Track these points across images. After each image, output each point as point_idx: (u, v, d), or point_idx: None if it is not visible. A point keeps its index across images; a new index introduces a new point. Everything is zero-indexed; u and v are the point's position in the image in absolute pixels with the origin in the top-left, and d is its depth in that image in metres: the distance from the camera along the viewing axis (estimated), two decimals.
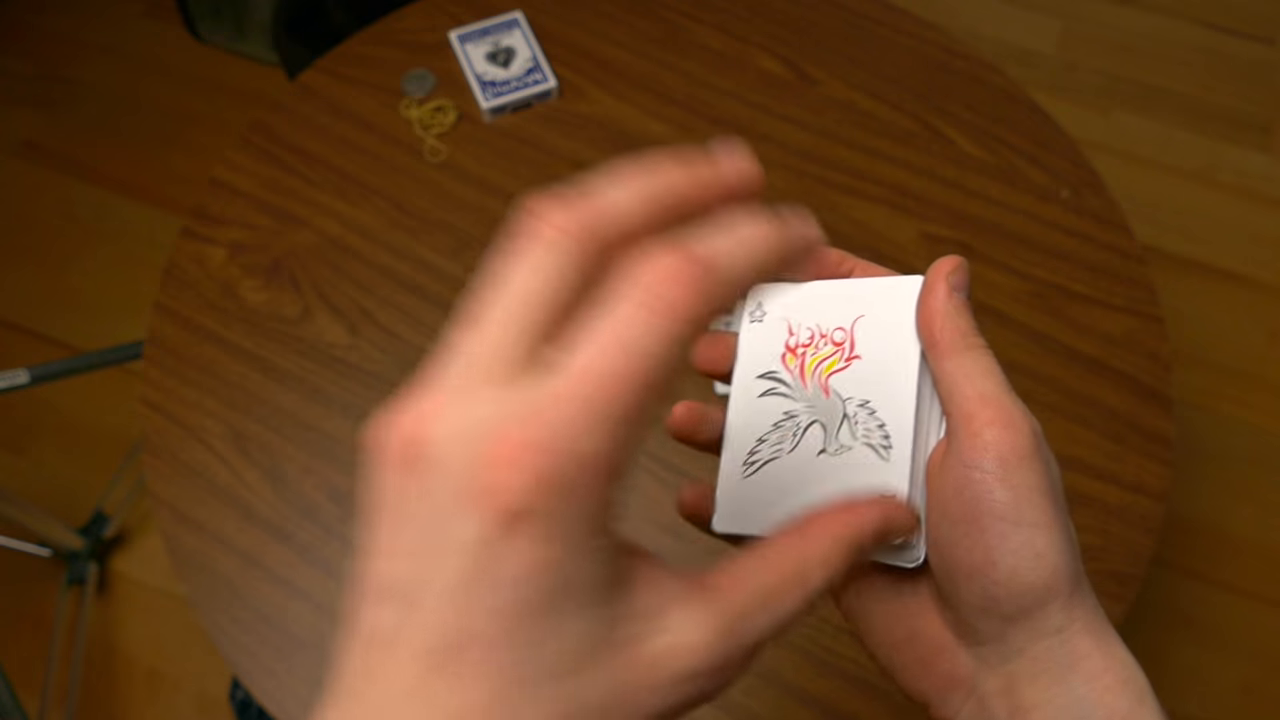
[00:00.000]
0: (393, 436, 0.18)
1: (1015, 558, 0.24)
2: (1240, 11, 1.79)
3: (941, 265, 0.27)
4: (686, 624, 0.20)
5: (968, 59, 0.89)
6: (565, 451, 0.17)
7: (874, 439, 0.28)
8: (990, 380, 0.26)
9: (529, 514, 0.17)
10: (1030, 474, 0.25)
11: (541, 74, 0.86)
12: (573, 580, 0.18)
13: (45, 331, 1.45)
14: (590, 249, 0.19)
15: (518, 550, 0.17)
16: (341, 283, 0.77)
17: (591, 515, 0.18)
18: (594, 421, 0.17)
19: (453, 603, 0.17)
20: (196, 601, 0.65)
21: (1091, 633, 0.25)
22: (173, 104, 1.65)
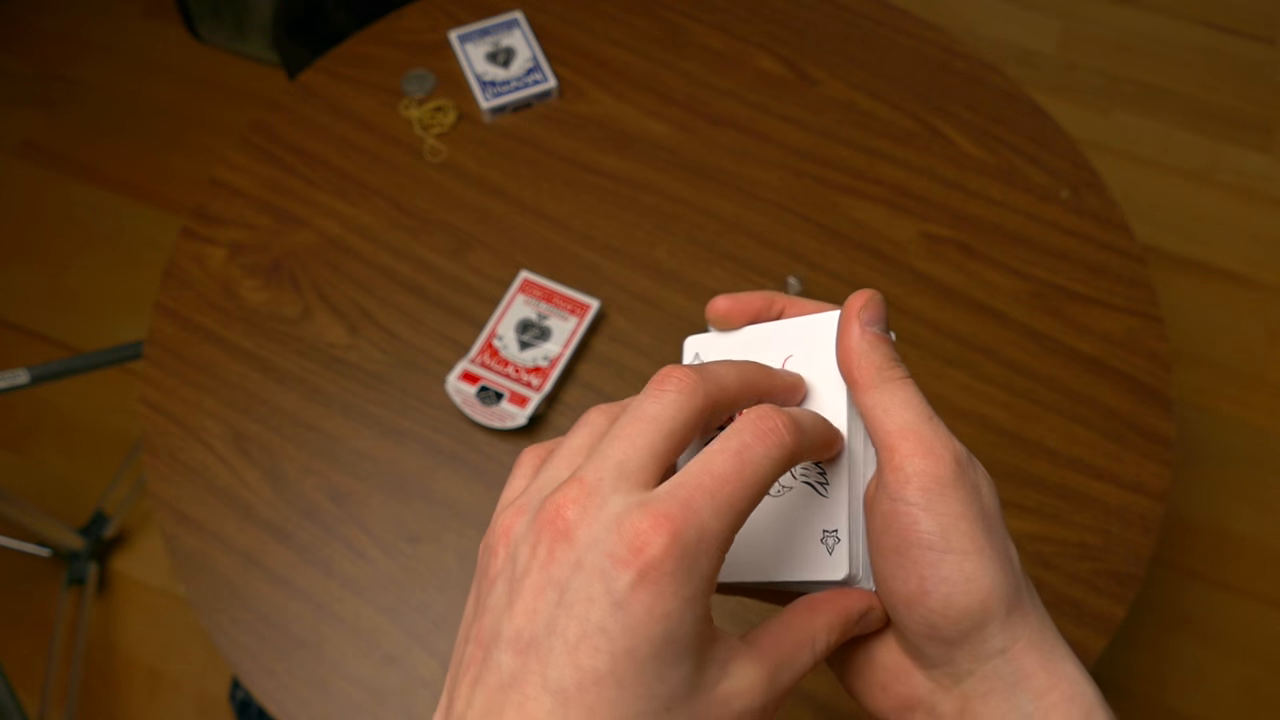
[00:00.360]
0: (544, 515, 0.23)
1: (947, 585, 0.25)
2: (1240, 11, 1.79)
3: (853, 303, 0.29)
4: (746, 673, 0.24)
5: (968, 59, 0.89)
6: (694, 524, 0.22)
7: (811, 477, 0.29)
8: (908, 411, 0.27)
9: (659, 571, 0.21)
10: (954, 501, 0.25)
11: (541, 74, 0.86)
12: (682, 632, 0.22)
13: (45, 331, 1.45)
14: (708, 405, 0.25)
15: (645, 603, 0.21)
16: (341, 283, 0.77)
17: (704, 580, 0.22)
18: (715, 505, 0.23)
19: (583, 646, 0.21)
20: (196, 601, 0.65)
21: (1037, 649, 0.26)
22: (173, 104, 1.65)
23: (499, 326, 0.73)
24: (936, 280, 0.78)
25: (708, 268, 0.78)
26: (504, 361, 0.71)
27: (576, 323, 0.73)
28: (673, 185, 0.82)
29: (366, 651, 0.64)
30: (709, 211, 0.81)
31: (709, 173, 0.83)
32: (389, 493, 0.69)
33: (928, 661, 0.27)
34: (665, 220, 0.80)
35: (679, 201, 0.81)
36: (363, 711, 0.62)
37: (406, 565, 0.66)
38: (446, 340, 0.75)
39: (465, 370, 0.71)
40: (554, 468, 0.25)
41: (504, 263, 0.78)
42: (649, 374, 0.73)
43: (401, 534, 0.67)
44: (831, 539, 0.28)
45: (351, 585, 0.66)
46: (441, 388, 0.73)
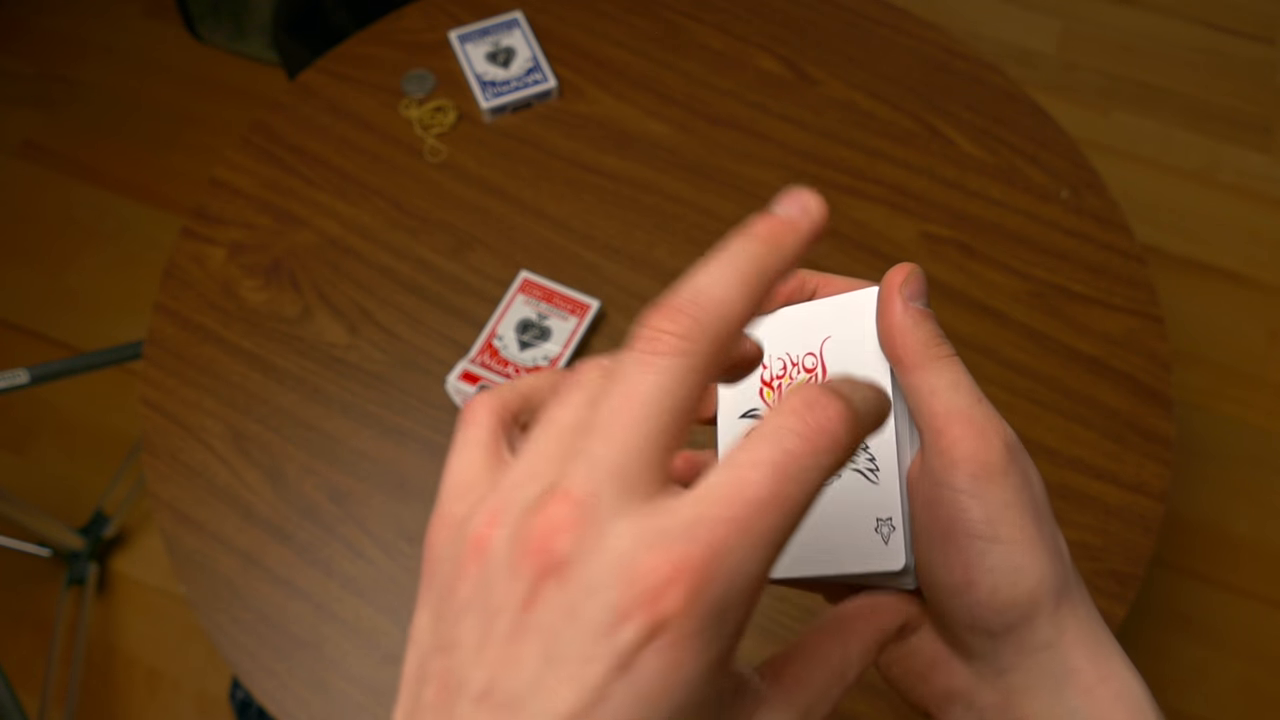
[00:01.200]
0: (529, 542, 0.18)
1: (993, 575, 0.24)
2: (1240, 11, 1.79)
3: (893, 277, 0.27)
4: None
5: (968, 59, 0.89)
6: (723, 571, 0.17)
7: (860, 463, 0.27)
8: (958, 392, 0.25)
9: (678, 630, 0.17)
10: (1004, 489, 0.24)
11: (541, 74, 0.86)
12: (701, 697, 0.18)
13: (45, 331, 1.45)
14: (714, 351, 0.19)
15: (655, 666, 0.17)
16: (341, 283, 0.77)
17: (733, 637, 0.18)
18: (749, 544, 0.17)
19: (576, 716, 0.17)
20: (196, 601, 0.65)
21: (1085, 644, 0.25)
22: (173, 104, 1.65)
23: (499, 326, 0.73)
24: (936, 280, 0.78)
25: None
26: (504, 361, 0.71)
27: (576, 323, 0.73)
28: (673, 185, 0.82)
29: (366, 651, 0.64)
30: (709, 211, 0.81)
31: (709, 173, 0.83)
32: (389, 493, 0.69)
33: (970, 652, 0.26)
34: (665, 220, 0.80)
35: (679, 201, 0.81)
36: (363, 711, 0.62)
37: (406, 565, 0.66)
38: (446, 340, 0.75)
39: (465, 370, 0.71)
40: (537, 453, 0.20)
41: (504, 263, 0.78)
42: None
43: (401, 534, 0.67)
44: (886, 527, 0.26)
45: (351, 585, 0.66)
46: (441, 388, 0.73)
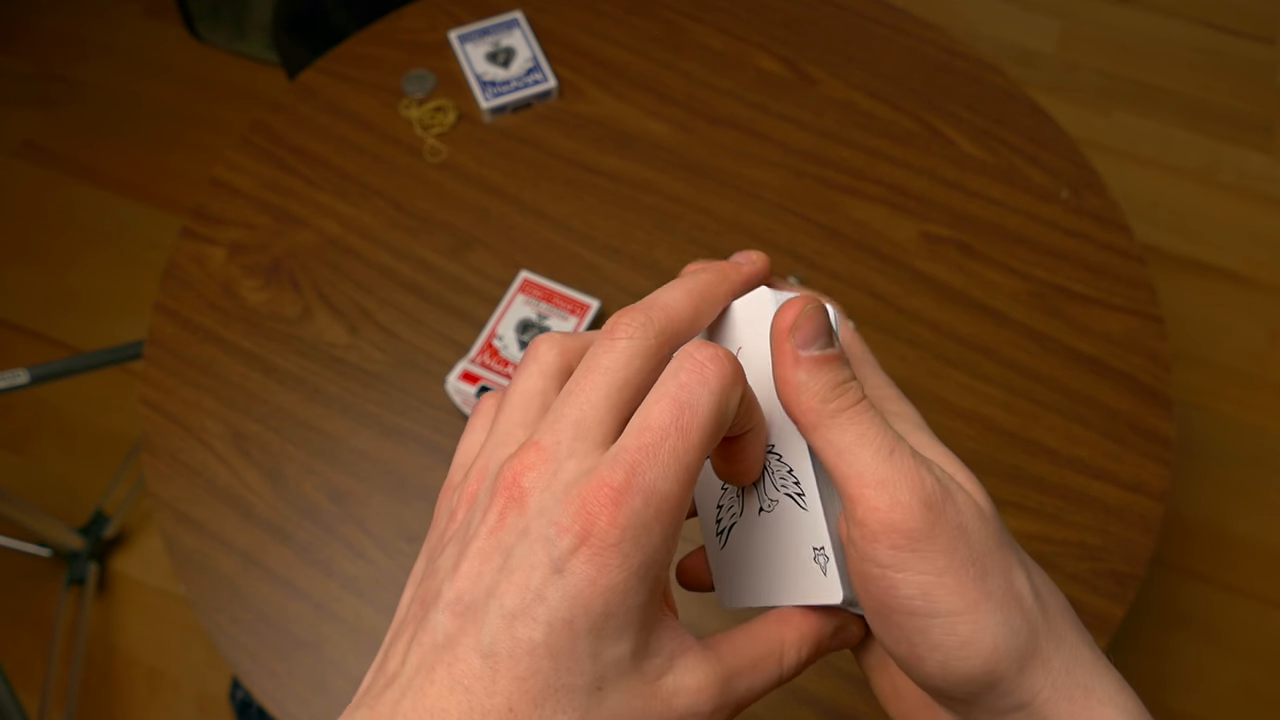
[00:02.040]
0: (501, 481, 0.22)
1: (941, 651, 0.23)
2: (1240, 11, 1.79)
3: (780, 324, 0.24)
4: (696, 670, 0.23)
5: (968, 59, 0.89)
6: (639, 489, 0.20)
7: (789, 488, 0.26)
8: (864, 448, 0.23)
9: (602, 542, 0.20)
10: (932, 556, 0.22)
11: (541, 74, 0.86)
12: (622, 608, 0.21)
13: (45, 331, 1.45)
14: (662, 341, 0.23)
15: (586, 573, 0.20)
16: (341, 283, 0.77)
17: (652, 551, 0.21)
18: (660, 464, 0.21)
19: (519, 615, 0.20)
20: (196, 601, 0.65)
21: (1067, 696, 0.23)
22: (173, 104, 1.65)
23: (499, 326, 0.73)
24: (936, 280, 0.78)
25: None
26: (504, 361, 0.71)
27: (576, 323, 0.73)
28: (673, 185, 0.82)
29: (366, 651, 0.64)
30: (709, 211, 0.81)
31: (709, 173, 0.83)
32: (389, 493, 0.69)
33: (948, 705, 0.25)
34: (665, 220, 0.80)
35: (679, 201, 0.81)
36: None
37: (406, 565, 0.66)
38: (446, 340, 0.75)
39: (465, 370, 0.71)
40: (507, 418, 0.25)
41: (504, 263, 0.78)
42: None
43: (401, 534, 0.67)
44: (821, 557, 0.25)
45: (351, 585, 0.66)
46: (441, 388, 0.73)
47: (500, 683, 0.20)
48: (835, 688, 0.63)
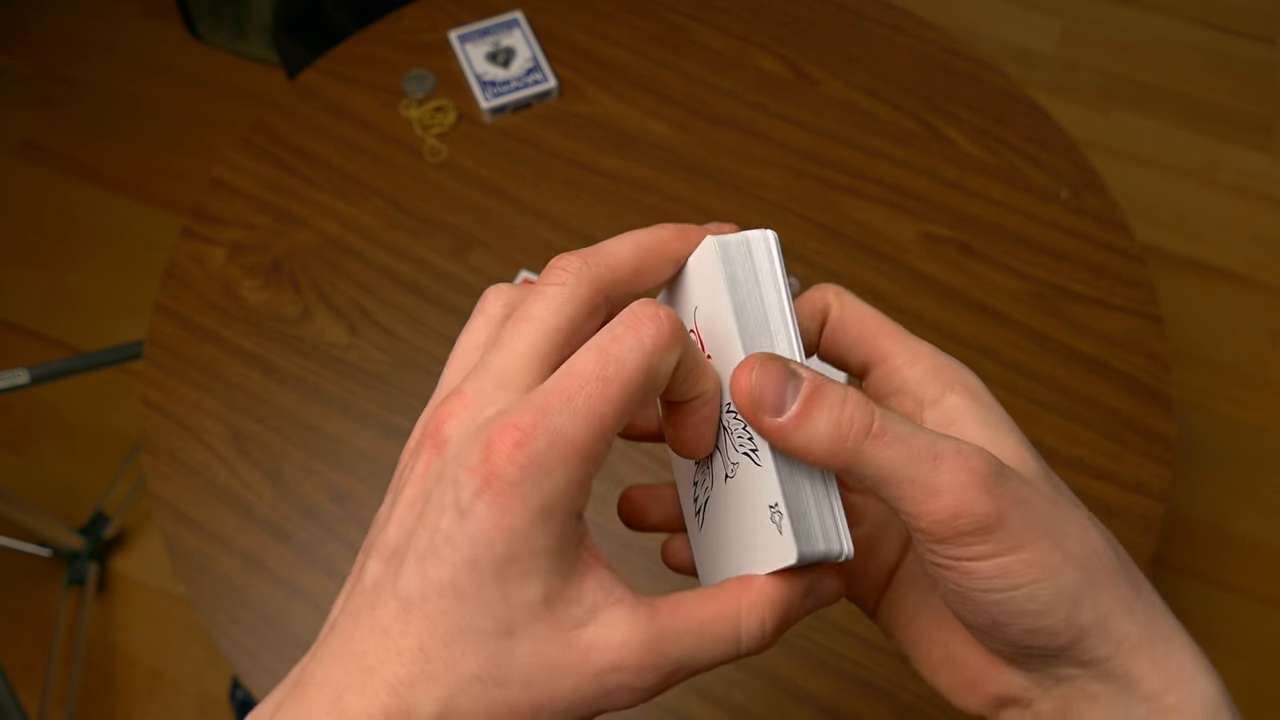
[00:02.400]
0: (426, 428, 0.22)
1: (1025, 618, 0.22)
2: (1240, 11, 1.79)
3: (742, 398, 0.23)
4: (619, 624, 0.21)
5: (968, 59, 0.89)
6: (544, 431, 0.20)
7: (745, 446, 0.24)
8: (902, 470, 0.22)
9: (502, 482, 0.20)
10: (1004, 538, 0.21)
11: (541, 74, 0.86)
12: (529, 548, 0.20)
13: (45, 331, 1.45)
14: (597, 290, 0.23)
15: (487, 513, 0.20)
16: (341, 283, 0.77)
17: (557, 493, 0.20)
18: (572, 409, 0.21)
19: (428, 557, 0.21)
20: (196, 601, 0.65)
21: (1148, 649, 0.23)
22: (173, 104, 1.65)
23: None
24: (936, 280, 0.78)
25: None
26: None
27: None
28: (673, 185, 0.82)
29: None
30: (709, 211, 0.81)
31: (709, 173, 0.83)
32: None
33: (1024, 665, 0.24)
34: (665, 220, 0.80)
35: (679, 201, 0.81)
36: None
37: None
38: (446, 340, 0.75)
39: None
40: (450, 371, 0.25)
41: (504, 263, 0.78)
42: None
43: None
44: (776, 514, 0.23)
45: None
46: None
47: (413, 623, 0.20)
48: (835, 688, 0.63)
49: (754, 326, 0.24)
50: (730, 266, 0.24)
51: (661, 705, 0.62)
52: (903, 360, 0.26)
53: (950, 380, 0.26)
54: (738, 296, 0.24)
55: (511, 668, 0.20)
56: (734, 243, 0.24)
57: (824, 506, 0.23)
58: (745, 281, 0.24)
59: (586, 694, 0.21)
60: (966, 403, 0.25)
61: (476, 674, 0.20)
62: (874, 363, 0.26)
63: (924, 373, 0.26)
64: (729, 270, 0.24)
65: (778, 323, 0.24)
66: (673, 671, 0.22)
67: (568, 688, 0.21)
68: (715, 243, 0.24)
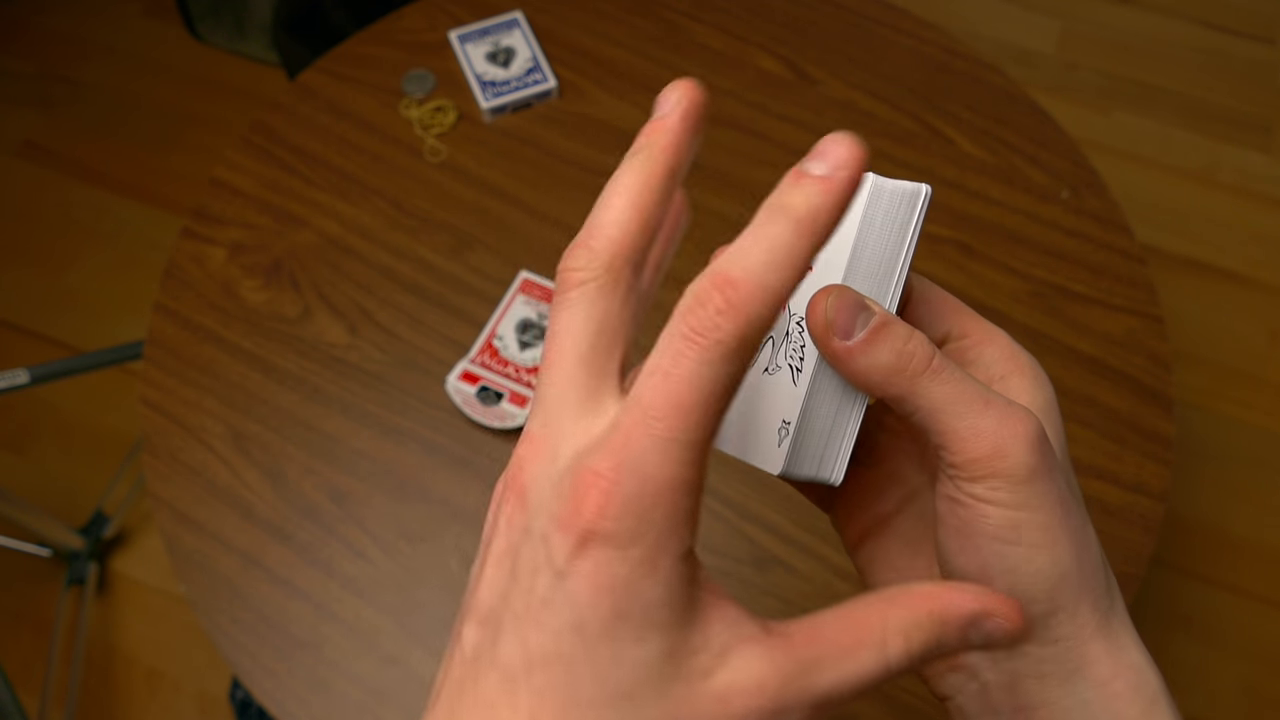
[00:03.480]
0: (507, 475, 0.21)
1: (1013, 576, 0.23)
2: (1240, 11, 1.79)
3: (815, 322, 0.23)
4: (753, 664, 0.19)
5: (968, 59, 0.89)
6: (633, 475, 0.18)
7: (794, 359, 0.25)
8: (954, 407, 0.23)
9: (599, 535, 0.18)
10: (1027, 494, 0.22)
11: (541, 74, 0.86)
12: (639, 603, 0.19)
13: (45, 331, 1.45)
14: (617, 274, 0.21)
15: (586, 572, 0.18)
16: (341, 283, 0.77)
17: (659, 536, 0.19)
18: (657, 446, 0.18)
19: (527, 623, 0.19)
20: (196, 601, 0.65)
21: (1105, 637, 0.24)
22: (173, 104, 1.65)
23: (499, 326, 0.73)
24: (936, 280, 0.78)
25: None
26: (504, 361, 0.71)
27: None
28: None
29: (366, 651, 0.64)
30: (709, 211, 0.81)
31: (709, 173, 0.83)
32: (389, 493, 0.69)
33: None
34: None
35: None
36: (363, 711, 0.62)
37: (406, 565, 0.66)
38: (446, 340, 0.75)
39: (465, 370, 0.71)
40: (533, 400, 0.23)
41: (504, 263, 0.78)
42: None
43: (401, 534, 0.67)
44: (784, 430, 0.25)
45: (351, 585, 0.66)
46: (441, 388, 0.73)
47: (521, 699, 0.19)
48: None
49: (865, 268, 0.25)
50: (874, 208, 0.25)
51: None
52: (981, 337, 0.27)
53: (1021, 364, 0.27)
54: (864, 235, 0.25)
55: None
56: (889, 190, 0.25)
57: (834, 438, 0.25)
58: (881, 226, 0.25)
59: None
60: (1028, 386, 0.26)
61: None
62: (953, 336, 0.27)
63: (999, 352, 0.27)
64: (870, 210, 0.25)
65: (886, 273, 0.25)
66: (818, 705, 0.20)
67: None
68: (871, 181, 0.25)
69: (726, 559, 0.66)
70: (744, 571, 0.66)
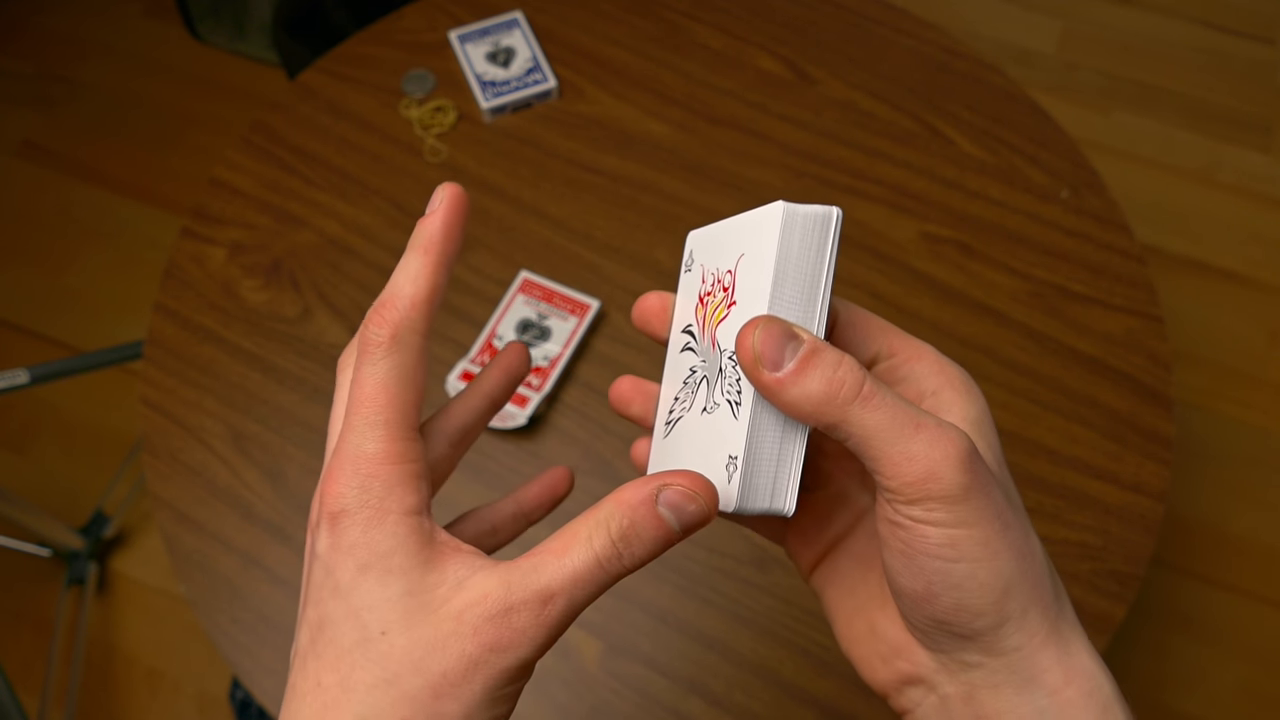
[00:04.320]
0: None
1: (958, 591, 0.23)
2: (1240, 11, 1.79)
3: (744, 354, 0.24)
4: (481, 583, 0.23)
5: (968, 59, 0.89)
6: (350, 459, 0.24)
7: (731, 394, 0.25)
8: (885, 433, 0.23)
9: (335, 514, 0.24)
10: (964, 514, 0.23)
11: (541, 74, 0.86)
12: (375, 553, 0.23)
13: (45, 331, 1.45)
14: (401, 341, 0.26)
15: (332, 544, 0.24)
16: (341, 283, 0.77)
17: (380, 500, 0.24)
18: (361, 431, 0.25)
19: (308, 607, 0.24)
20: (196, 601, 0.65)
21: (1055, 644, 0.24)
22: (173, 104, 1.65)
23: (499, 326, 0.73)
24: (936, 280, 0.78)
25: None
26: None
27: (576, 323, 0.73)
28: (673, 185, 0.82)
29: None
30: (709, 211, 0.81)
31: (709, 173, 0.83)
32: None
33: (936, 646, 0.25)
34: (665, 220, 0.80)
35: (679, 201, 0.81)
36: None
37: None
38: (446, 340, 0.75)
39: (465, 370, 0.71)
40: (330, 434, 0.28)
41: (504, 263, 0.78)
42: (649, 374, 0.73)
43: None
44: (732, 466, 0.25)
45: None
46: (442, 388, 0.73)
47: (309, 667, 0.23)
48: (835, 688, 0.63)
49: (788, 295, 0.25)
50: (787, 235, 0.25)
51: (661, 705, 0.62)
52: (910, 354, 0.27)
53: (952, 378, 0.27)
54: (782, 264, 0.25)
55: (396, 661, 0.22)
56: (801, 215, 0.25)
57: (782, 467, 0.25)
58: (798, 253, 0.25)
59: (474, 654, 0.22)
60: (959, 399, 0.27)
61: (370, 682, 0.22)
62: (882, 356, 0.28)
63: (928, 368, 0.27)
64: (785, 237, 0.25)
65: (809, 298, 0.25)
66: (545, 599, 0.23)
67: (454, 655, 0.22)
68: (782, 210, 0.25)
69: (726, 559, 0.66)
70: (744, 571, 0.66)
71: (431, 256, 0.26)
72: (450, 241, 0.27)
